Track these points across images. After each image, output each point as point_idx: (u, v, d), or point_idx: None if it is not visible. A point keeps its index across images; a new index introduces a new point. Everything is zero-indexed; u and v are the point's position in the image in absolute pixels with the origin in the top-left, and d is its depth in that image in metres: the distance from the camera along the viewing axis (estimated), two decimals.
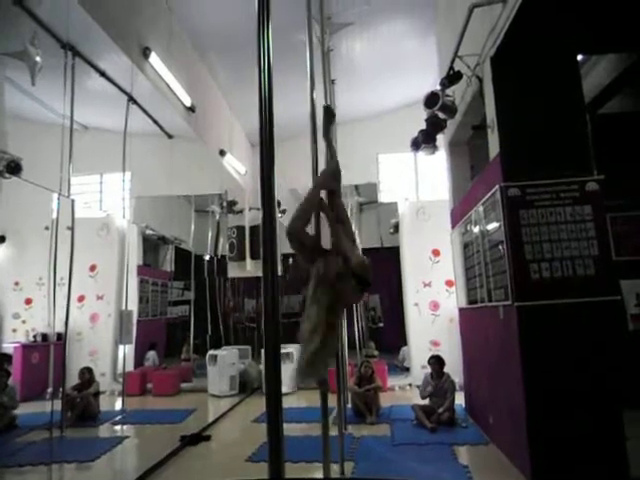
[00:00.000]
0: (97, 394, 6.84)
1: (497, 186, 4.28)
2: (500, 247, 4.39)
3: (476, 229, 5.27)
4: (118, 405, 7.57)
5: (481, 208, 4.94)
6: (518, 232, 4.11)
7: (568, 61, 4.37)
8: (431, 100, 5.18)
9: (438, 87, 5.17)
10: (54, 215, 6.45)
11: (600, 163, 4.19)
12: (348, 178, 3.81)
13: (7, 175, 6.25)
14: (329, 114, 3.38)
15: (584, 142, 4.20)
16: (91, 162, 8.61)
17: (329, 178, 3.07)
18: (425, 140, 5.78)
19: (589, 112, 4.56)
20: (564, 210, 4.10)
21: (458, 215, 6.26)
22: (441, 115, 5.39)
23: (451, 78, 5.00)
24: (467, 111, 5.50)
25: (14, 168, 6.26)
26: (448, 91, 5.20)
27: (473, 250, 5.52)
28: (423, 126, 5.75)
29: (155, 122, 7.84)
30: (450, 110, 5.31)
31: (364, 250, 11.82)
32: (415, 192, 9.92)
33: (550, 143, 4.22)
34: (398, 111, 9.46)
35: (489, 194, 4.57)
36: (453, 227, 6.63)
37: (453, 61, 5.05)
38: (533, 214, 4.12)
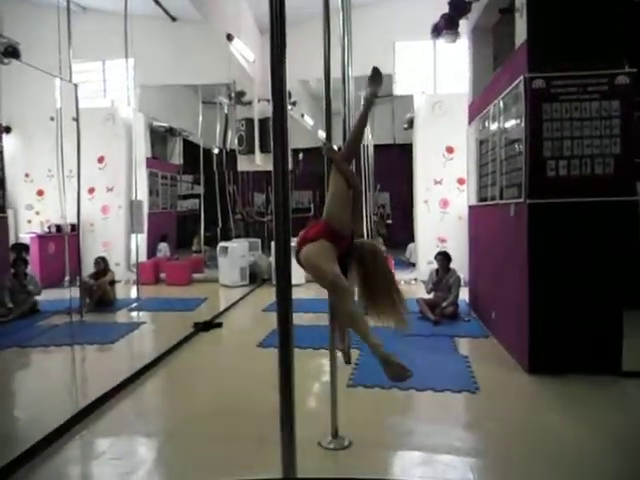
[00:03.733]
0: (113, 282, 7.11)
1: (521, 77, 4.02)
2: (516, 144, 4.23)
3: (494, 125, 5.06)
4: (133, 293, 7.88)
5: (501, 102, 4.70)
6: (539, 127, 3.92)
7: None
8: None
9: None
10: (58, 105, 6.26)
11: (633, 56, 3.88)
12: (360, 69, 3.56)
13: (5, 60, 5.98)
14: (376, 77, 2.96)
15: (618, 31, 3.86)
16: (92, 47, 8.21)
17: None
18: (447, 25, 5.40)
19: None
20: (590, 105, 3.88)
21: (476, 110, 5.99)
22: None
23: None
24: None
25: (12, 52, 5.98)
26: None
27: (488, 147, 5.35)
28: (445, 10, 5.32)
29: (157, 2, 7.33)
30: None
31: (375, 147, 11.63)
32: (433, 85, 9.43)
33: (581, 31, 3.89)
34: None
35: (512, 86, 4.31)
36: (470, 122, 6.38)
37: None
38: (557, 108, 3.90)
